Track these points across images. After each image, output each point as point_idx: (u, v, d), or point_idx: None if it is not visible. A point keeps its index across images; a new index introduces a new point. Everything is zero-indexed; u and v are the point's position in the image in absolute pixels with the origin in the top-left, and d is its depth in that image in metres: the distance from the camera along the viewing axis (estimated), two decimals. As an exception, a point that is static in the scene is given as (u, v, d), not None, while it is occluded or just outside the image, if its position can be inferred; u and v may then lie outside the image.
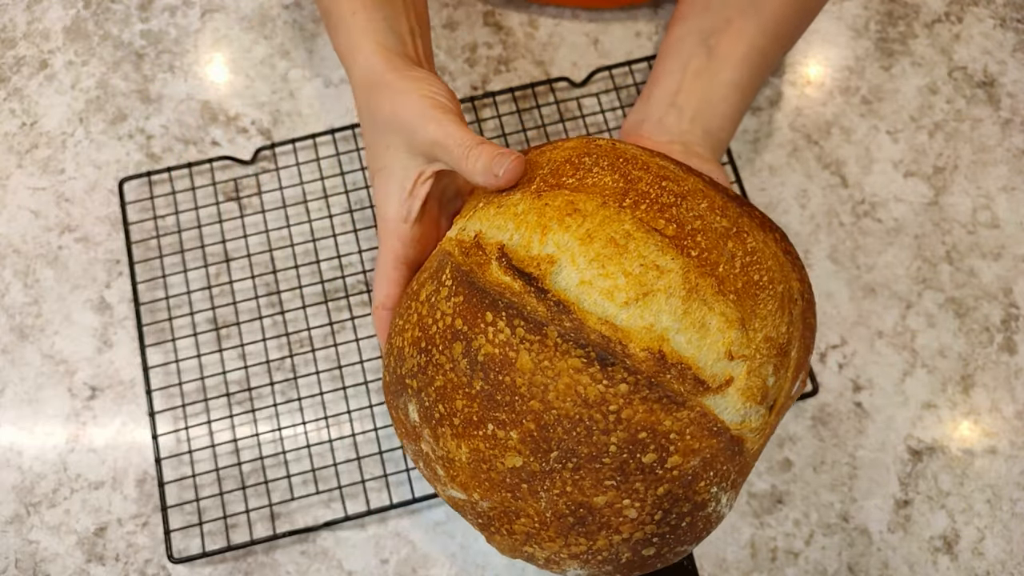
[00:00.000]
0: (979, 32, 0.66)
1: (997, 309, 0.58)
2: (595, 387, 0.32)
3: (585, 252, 0.33)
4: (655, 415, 0.32)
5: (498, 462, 0.34)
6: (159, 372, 0.55)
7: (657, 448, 0.32)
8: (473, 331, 0.34)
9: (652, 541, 0.35)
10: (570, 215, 0.34)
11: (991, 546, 0.53)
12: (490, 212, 0.37)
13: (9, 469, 0.54)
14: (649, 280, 0.33)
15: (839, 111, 0.63)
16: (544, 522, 0.34)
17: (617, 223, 0.34)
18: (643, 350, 0.32)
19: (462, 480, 0.35)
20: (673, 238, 0.34)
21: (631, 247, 0.33)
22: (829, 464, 0.55)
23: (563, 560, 0.36)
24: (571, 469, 0.33)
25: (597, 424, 0.32)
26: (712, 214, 0.36)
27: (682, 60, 0.51)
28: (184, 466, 0.53)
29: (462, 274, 0.35)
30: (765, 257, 0.36)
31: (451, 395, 0.34)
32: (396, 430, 0.40)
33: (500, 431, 0.33)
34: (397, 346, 0.38)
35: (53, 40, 0.64)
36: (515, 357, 0.33)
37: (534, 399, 0.32)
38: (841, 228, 0.60)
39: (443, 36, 0.64)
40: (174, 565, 0.52)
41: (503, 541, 0.37)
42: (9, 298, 0.57)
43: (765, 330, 0.34)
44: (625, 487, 0.33)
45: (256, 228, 0.58)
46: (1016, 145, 0.62)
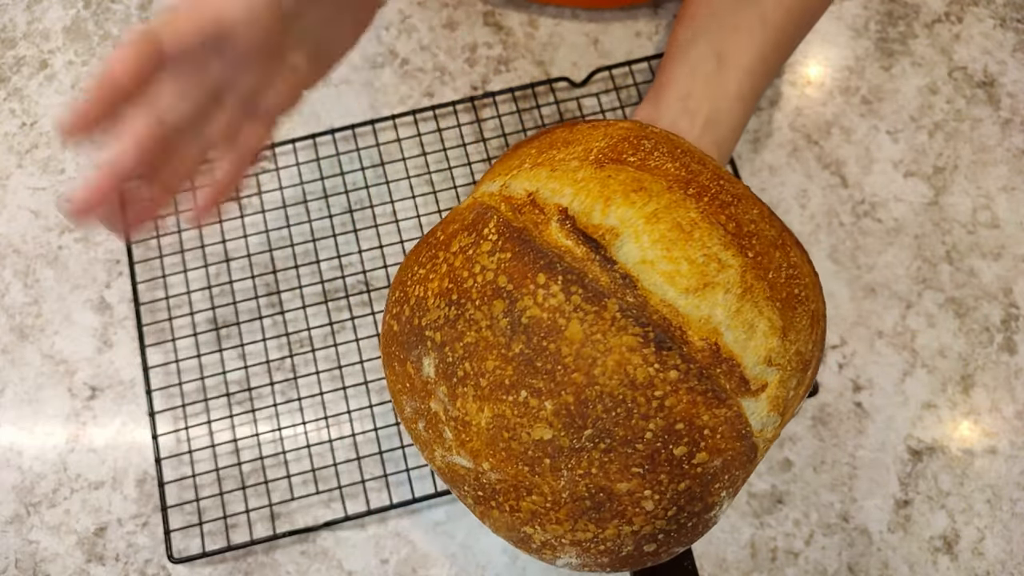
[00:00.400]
0: (979, 32, 0.66)
1: (997, 309, 0.58)
2: (645, 369, 0.31)
3: (650, 231, 0.32)
4: (696, 408, 0.31)
5: (523, 432, 0.32)
6: (159, 372, 0.55)
7: (690, 441, 0.31)
8: (520, 291, 0.32)
9: (657, 537, 0.34)
10: (636, 192, 0.33)
11: (991, 546, 0.53)
12: (542, 174, 0.35)
13: (9, 469, 0.54)
14: (711, 272, 0.32)
15: (839, 111, 0.63)
16: (557, 502, 0.33)
17: (684, 209, 0.33)
18: (701, 339, 0.32)
19: (474, 446, 0.34)
20: (734, 235, 0.33)
21: (696, 235, 0.32)
22: (829, 464, 0.55)
23: (562, 546, 0.34)
24: (602, 450, 0.31)
25: (639, 407, 0.31)
26: (763, 221, 0.35)
27: (691, 65, 0.51)
28: (184, 466, 0.53)
29: (513, 230, 0.33)
30: (804, 273, 0.36)
31: (483, 354, 0.32)
32: (393, 385, 0.38)
33: (534, 399, 0.31)
34: (417, 295, 0.35)
35: (53, 40, 0.64)
36: (565, 325, 0.31)
37: (578, 371, 0.31)
38: (841, 228, 0.60)
39: (443, 36, 0.64)
40: (174, 565, 0.52)
41: (501, 518, 0.35)
42: (9, 298, 0.57)
43: (798, 344, 0.34)
44: (651, 477, 0.32)
45: (256, 228, 0.58)
46: (1016, 145, 0.62)
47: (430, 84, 0.63)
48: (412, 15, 0.65)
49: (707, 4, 0.52)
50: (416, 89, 0.63)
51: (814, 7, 0.53)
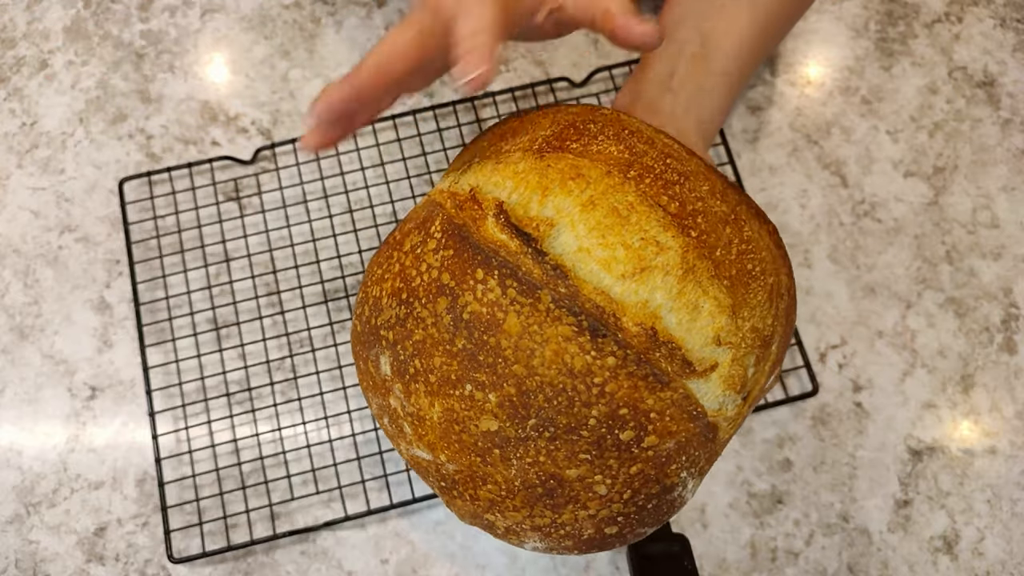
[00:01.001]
0: (979, 32, 0.66)
1: (997, 309, 0.58)
2: (582, 357, 0.31)
3: (586, 219, 0.33)
4: (639, 392, 0.32)
5: (472, 424, 0.33)
6: (159, 372, 0.55)
7: (636, 426, 0.32)
8: (461, 287, 0.32)
9: (617, 520, 0.34)
10: (573, 179, 0.33)
11: (991, 546, 0.53)
12: (487, 168, 0.36)
13: (9, 469, 0.54)
14: (648, 255, 0.32)
15: (839, 111, 0.63)
16: (511, 490, 0.33)
17: (621, 193, 0.33)
18: (636, 325, 0.32)
19: (430, 440, 0.34)
20: (675, 216, 0.33)
21: (633, 219, 0.33)
22: (829, 464, 0.55)
23: (524, 531, 0.35)
24: (547, 439, 0.32)
25: (580, 395, 0.31)
26: (713, 198, 0.35)
27: (677, 44, 0.50)
28: (184, 466, 0.53)
29: (454, 227, 0.34)
30: (760, 248, 0.35)
31: (430, 351, 0.33)
32: (361, 383, 0.39)
33: (478, 392, 0.32)
34: (374, 295, 0.36)
35: (53, 40, 0.64)
36: (503, 318, 0.31)
37: (518, 363, 0.31)
38: (841, 228, 0.60)
39: (443, 36, 0.64)
40: (174, 565, 0.52)
41: (464, 507, 0.36)
42: (9, 298, 0.57)
43: (753, 320, 0.34)
44: (599, 462, 0.32)
45: (256, 228, 0.58)
46: (1016, 145, 0.62)
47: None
48: (412, 15, 0.65)
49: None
50: (416, 89, 0.63)
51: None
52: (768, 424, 0.55)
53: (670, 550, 0.48)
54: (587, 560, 0.52)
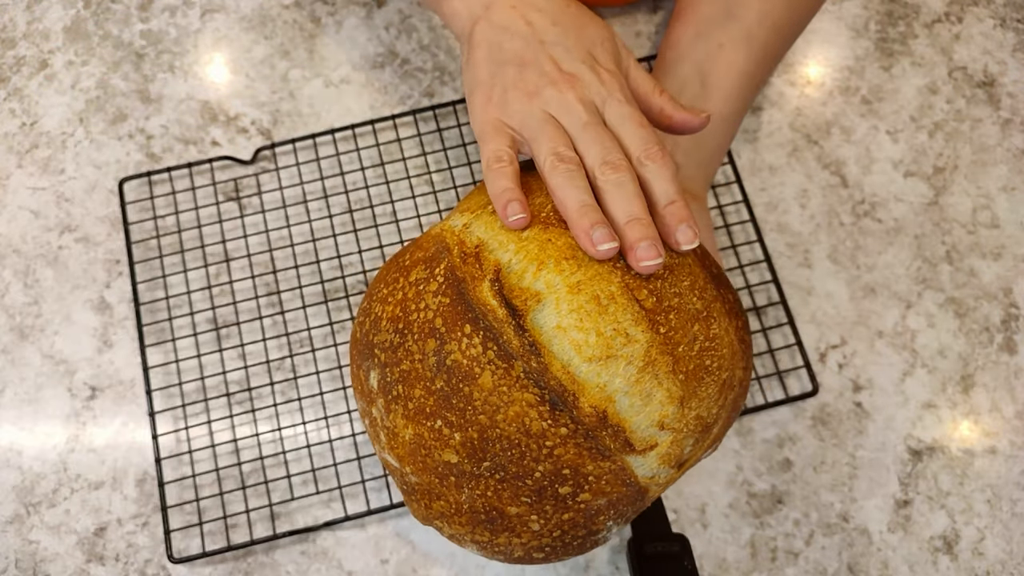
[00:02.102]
0: (979, 32, 0.66)
1: (997, 309, 0.58)
2: (540, 423, 0.35)
3: (570, 301, 0.36)
4: (582, 459, 0.35)
5: (436, 452, 0.37)
6: (159, 372, 0.55)
7: (574, 484, 0.36)
8: (449, 335, 0.36)
9: (544, 548, 0.39)
10: (567, 259, 0.36)
11: (991, 546, 0.53)
12: (497, 223, 0.39)
13: (9, 469, 0.54)
14: (616, 345, 0.35)
15: (839, 111, 0.63)
16: (459, 510, 0.38)
17: (605, 283, 0.36)
18: (591, 406, 0.35)
19: (399, 453, 0.38)
20: (649, 311, 0.36)
21: (611, 310, 0.36)
22: (829, 464, 0.55)
23: (465, 541, 0.40)
24: (497, 479, 0.36)
25: (531, 452, 0.35)
26: (691, 294, 0.38)
27: (676, 87, 0.51)
28: (184, 466, 0.53)
29: (455, 280, 0.37)
30: (722, 345, 0.39)
31: (412, 382, 0.37)
32: (352, 382, 0.43)
33: (446, 429, 0.36)
34: (376, 313, 0.40)
35: (53, 40, 0.64)
36: (479, 373, 0.35)
37: (484, 414, 0.35)
38: (841, 228, 0.60)
39: (443, 36, 0.64)
40: (174, 565, 0.52)
41: (419, 510, 0.40)
42: (9, 298, 0.57)
43: (699, 409, 0.38)
44: (537, 506, 0.36)
45: (256, 228, 0.58)
46: (1016, 145, 0.62)
47: (430, 84, 0.63)
48: (412, 15, 0.65)
49: (693, 24, 0.52)
50: (416, 89, 0.63)
51: (799, 20, 0.53)
52: (768, 424, 0.55)
53: (670, 550, 0.48)
54: (587, 560, 0.52)
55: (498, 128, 0.40)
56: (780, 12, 0.51)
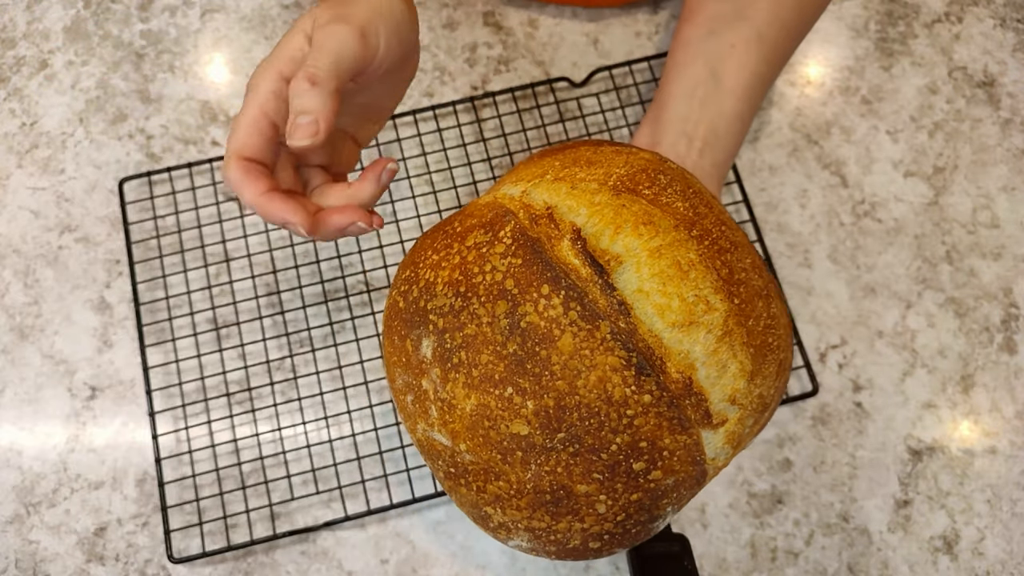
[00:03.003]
0: (979, 32, 0.66)
1: (997, 309, 0.58)
2: (623, 389, 0.33)
3: (651, 265, 0.35)
4: (661, 431, 0.34)
5: (503, 424, 0.34)
6: (159, 372, 0.55)
7: (649, 460, 0.34)
8: (523, 296, 0.34)
9: (603, 536, 0.37)
10: (645, 224, 0.35)
11: (991, 546, 0.53)
12: (561, 190, 0.37)
13: (9, 469, 0.54)
14: (698, 312, 0.35)
15: (839, 111, 0.63)
16: (521, 491, 0.35)
17: (684, 249, 0.35)
18: (678, 372, 0.34)
19: (455, 428, 0.36)
20: (725, 281, 0.36)
21: (691, 276, 0.35)
22: (829, 464, 0.55)
23: (517, 530, 0.37)
24: (570, 453, 0.34)
25: (610, 422, 0.33)
26: (753, 271, 0.38)
27: (689, 86, 0.51)
28: (184, 466, 0.53)
29: (528, 239, 0.35)
30: (780, 325, 0.38)
31: (479, 347, 0.35)
32: (388, 356, 0.40)
33: (518, 397, 0.34)
34: (427, 279, 0.37)
35: (53, 40, 0.64)
36: (559, 336, 0.33)
37: (562, 380, 0.33)
38: (841, 228, 0.60)
39: (443, 36, 0.64)
40: (174, 565, 0.52)
41: (467, 496, 0.38)
42: (9, 298, 0.57)
43: (762, 387, 0.37)
44: (608, 484, 0.35)
45: (256, 228, 0.58)
46: (1016, 145, 0.62)
47: (430, 84, 0.63)
48: (412, 15, 0.65)
49: (703, 24, 0.52)
50: (416, 89, 0.63)
51: (807, 19, 0.53)
52: (768, 424, 0.55)
53: (670, 550, 0.48)
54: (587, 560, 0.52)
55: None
56: (789, 12, 0.51)
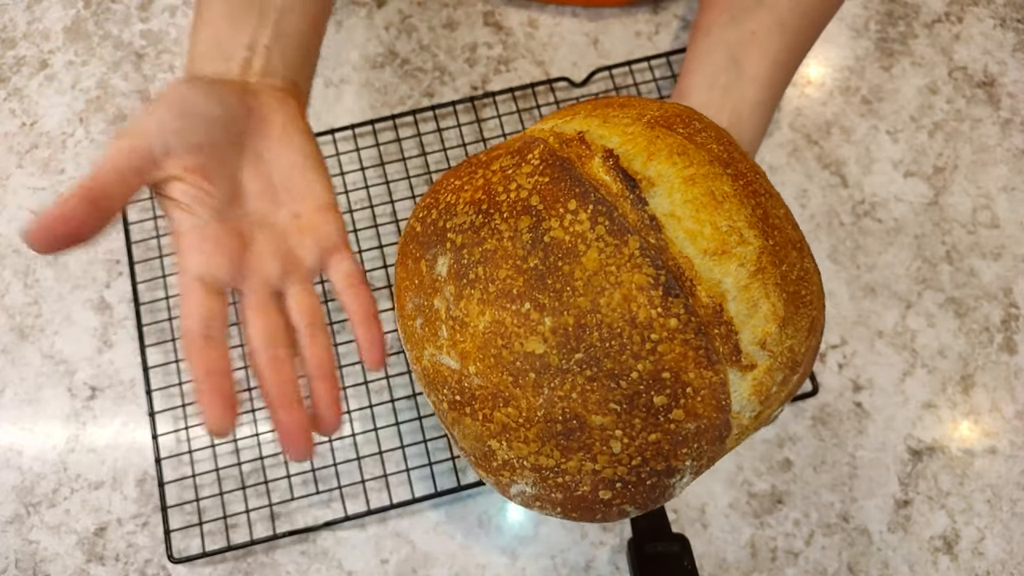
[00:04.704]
0: (979, 32, 0.66)
1: (997, 309, 0.58)
2: (648, 310, 0.31)
3: (684, 191, 0.33)
4: (686, 362, 0.32)
5: (517, 342, 0.33)
6: (159, 372, 0.55)
7: (671, 395, 0.32)
8: (549, 211, 0.33)
9: (615, 485, 0.34)
10: (679, 154, 0.34)
11: (991, 546, 0.53)
12: (594, 122, 0.37)
13: (9, 469, 0.54)
14: (731, 242, 0.33)
15: (839, 111, 0.63)
16: (530, 419, 0.33)
17: (719, 182, 0.34)
18: (708, 296, 0.32)
19: (465, 348, 0.34)
20: (760, 221, 0.34)
21: (726, 206, 0.34)
22: (829, 464, 0.55)
23: (522, 469, 0.35)
24: (587, 377, 0.32)
25: (633, 345, 0.32)
26: (787, 223, 0.36)
27: (710, 74, 0.51)
28: (184, 466, 0.53)
29: (557, 159, 0.34)
30: (813, 281, 0.37)
31: (498, 262, 0.33)
32: (401, 282, 0.39)
33: (535, 313, 0.32)
34: (447, 201, 0.37)
35: (53, 40, 0.64)
36: (584, 251, 0.32)
37: (584, 297, 0.32)
38: (841, 228, 0.60)
39: (443, 36, 0.64)
40: (174, 565, 0.52)
41: (472, 426, 0.35)
42: (9, 298, 0.57)
43: (793, 340, 0.35)
44: (626, 417, 0.32)
45: (256, 228, 0.58)
46: (1016, 145, 0.62)
47: (430, 84, 0.63)
48: (412, 15, 0.65)
49: (724, 11, 0.51)
50: (416, 89, 0.63)
51: (829, 6, 0.52)
52: (768, 424, 0.55)
53: (670, 550, 0.48)
54: (587, 560, 0.52)
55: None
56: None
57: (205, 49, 0.41)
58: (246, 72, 0.40)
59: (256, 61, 0.41)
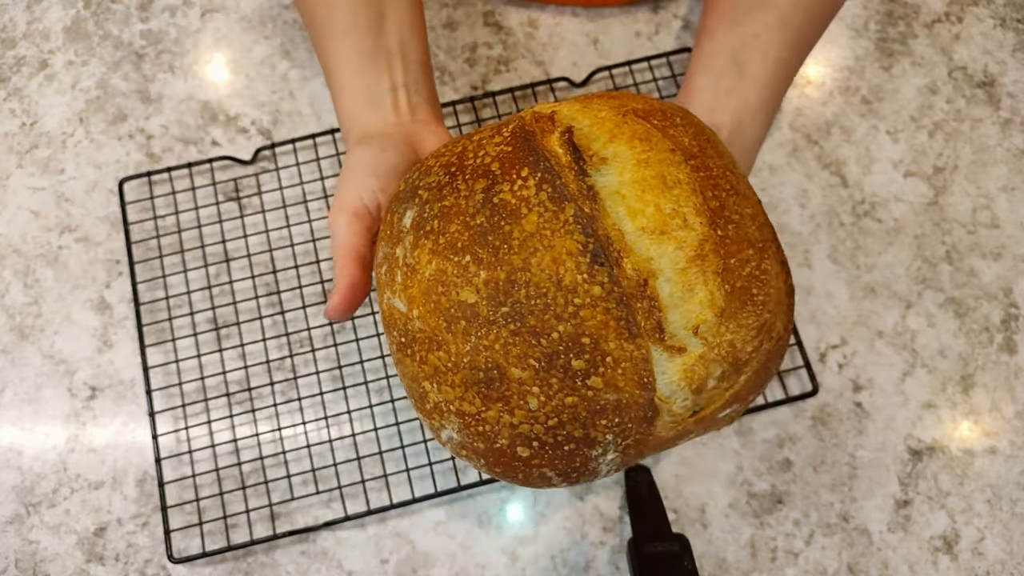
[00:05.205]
0: (979, 32, 0.66)
1: (997, 309, 0.58)
2: (574, 274, 0.33)
3: (634, 172, 0.35)
4: (607, 331, 0.33)
5: (455, 290, 0.35)
6: (159, 372, 0.55)
7: (590, 360, 0.33)
8: (503, 176, 0.35)
9: (532, 444, 0.35)
10: (641, 140, 0.36)
11: (991, 546, 0.53)
12: (573, 106, 0.39)
13: (9, 469, 0.54)
14: (672, 225, 0.34)
15: (839, 111, 0.63)
16: (457, 365, 0.35)
17: (674, 168, 0.35)
18: (634, 269, 0.34)
19: (412, 293, 0.37)
20: (711, 211, 0.35)
21: (675, 192, 0.35)
22: (829, 464, 0.55)
23: (448, 413, 0.37)
24: (510, 331, 0.34)
25: (556, 306, 0.33)
26: (751, 222, 0.37)
27: (714, 77, 0.51)
28: (184, 466, 0.53)
29: (523, 132, 0.36)
30: (770, 284, 0.37)
31: (451, 217, 0.36)
32: (380, 234, 0.42)
33: (473, 265, 0.34)
34: (428, 164, 0.40)
35: (53, 40, 0.64)
36: (525, 214, 0.34)
37: (518, 255, 0.34)
38: (841, 228, 0.60)
39: (443, 36, 0.64)
40: (174, 565, 0.52)
41: (410, 367, 0.38)
42: (9, 298, 0.57)
43: (735, 336, 0.35)
44: (543, 375, 0.34)
45: (256, 228, 0.58)
46: (1016, 145, 0.62)
47: (430, 84, 0.63)
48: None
49: (727, 13, 0.52)
50: (416, 89, 0.63)
51: (830, 6, 0.52)
52: (768, 424, 0.55)
53: (670, 550, 0.48)
54: (587, 560, 0.52)
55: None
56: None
57: (354, 106, 0.46)
58: (397, 111, 0.46)
59: (400, 97, 0.46)
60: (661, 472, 0.54)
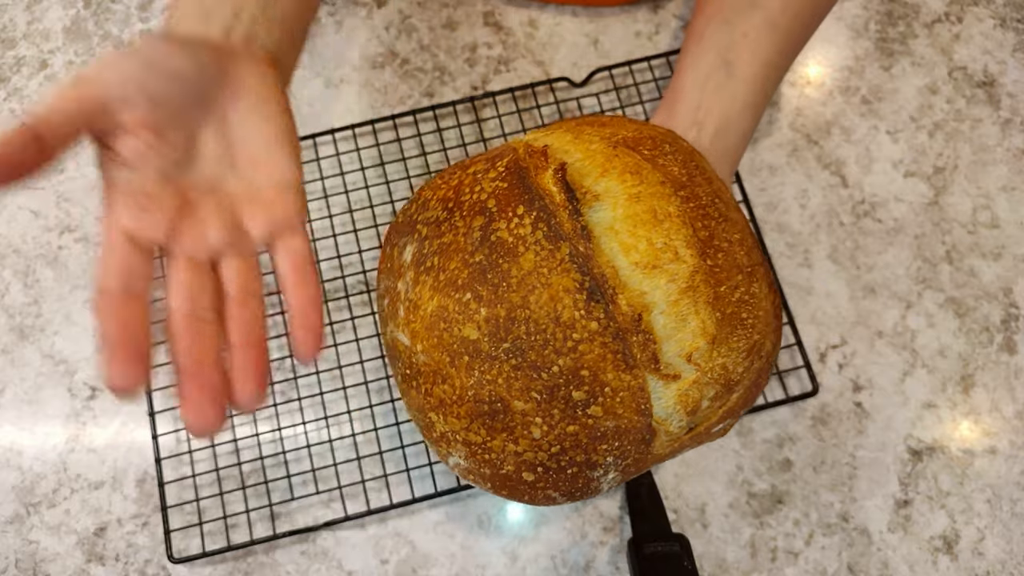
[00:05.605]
0: (979, 32, 0.66)
1: (997, 309, 0.58)
2: (572, 311, 0.34)
3: (626, 207, 0.36)
4: (605, 363, 0.34)
5: (457, 327, 0.36)
6: (159, 372, 0.55)
7: (589, 391, 0.35)
8: (499, 214, 0.36)
9: (536, 468, 0.37)
10: (632, 174, 0.37)
11: (991, 546, 0.53)
12: (565, 138, 0.40)
13: (9, 469, 0.54)
14: (664, 259, 0.35)
15: (839, 111, 0.63)
16: (462, 398, 0.36)
17: (665, 201, 0.36)
18: (628, 304, 0.35)
19: (415, 328, 0.38)
20: (702, 242, 0.36)
21: (665, 225, 0.36)
22: (829, 464, 0.55)
23: (455, 442, 0.38)
24: (512, 365, 0.35)
25: (555, 342, 0.34)
26: (739, 247, 0.38)
27: (702, 75, 0.51)
28: (184, 466, 0.53)
29: (518, 168, 0.37)
30: (759, 306, 0.38)
31: (451, 254, 0.37)
32: (380, 266, 0.43)
33: (474, 303, 0.35)
34: (425, 197, 0.40)
35: (53, 40, 0.64)
36: (523, 252, 0.35)
37: (517, 293, 0.35)
38: (841, 228, 0.60)
39: (443, 36, 0.64)
40: (174, 565, 0.52)
41: (416, 399, 0.39)
42: (9, 298, 0.57)
43: (727, 359, 0.37)
44: (545, 406, 0.35)
45: (256, 228, 0.58)
46: (1016, 145, 0.62)
47: (430, 84, 0.63)
48: (412, 15, 0.65)
49: (717, 13, 0.52)
50: (416, 89, 0.63)
51: (821, 8, 0.52)
52: (768, 424, 0.55)
53: (670, 550, 0.48)
54: (587, 560, 0.52)
55: None
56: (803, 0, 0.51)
57: (187, 10, 0.37)
58: (226, 37, 0.37)
59: (238, 28, 0.38)
60: (661, 472, 0.54)
